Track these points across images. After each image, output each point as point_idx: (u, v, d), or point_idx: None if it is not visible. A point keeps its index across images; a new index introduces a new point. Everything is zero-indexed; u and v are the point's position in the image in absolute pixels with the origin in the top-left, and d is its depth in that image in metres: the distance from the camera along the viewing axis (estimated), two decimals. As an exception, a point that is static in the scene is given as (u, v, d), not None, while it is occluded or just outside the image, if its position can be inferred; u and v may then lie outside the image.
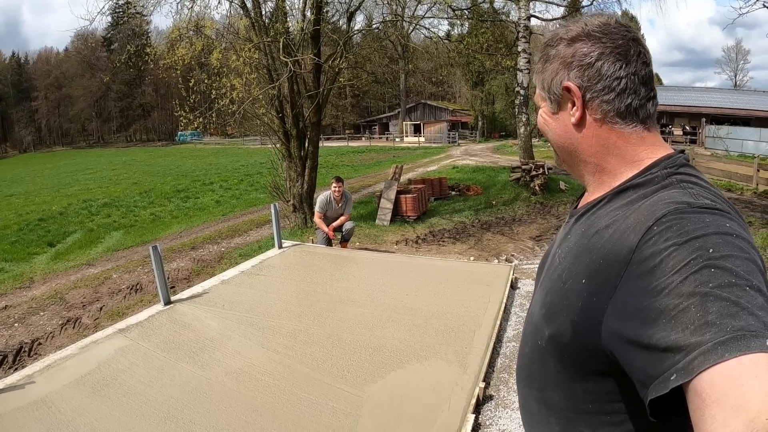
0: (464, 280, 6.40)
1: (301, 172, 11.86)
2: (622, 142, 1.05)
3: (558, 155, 1.19)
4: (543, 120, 1.17)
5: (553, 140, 1.16)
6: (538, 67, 1.16)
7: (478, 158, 30.83)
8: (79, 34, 70.12)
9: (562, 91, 1.07)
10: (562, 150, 1.15)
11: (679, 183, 0.95)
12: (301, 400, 3.73)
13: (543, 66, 1.13)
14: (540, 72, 1.14)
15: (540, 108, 1.17)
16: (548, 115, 1.15)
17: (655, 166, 1.01)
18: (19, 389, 4.11)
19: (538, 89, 1.16)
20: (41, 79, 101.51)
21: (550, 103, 1.13)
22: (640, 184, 1.00)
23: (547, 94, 1.12)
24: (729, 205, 0.92)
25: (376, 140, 59.46)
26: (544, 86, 1.12)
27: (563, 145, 1.14)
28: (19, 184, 33.15)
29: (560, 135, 1.13)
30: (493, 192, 15.79)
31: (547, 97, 1.13)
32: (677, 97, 38.77)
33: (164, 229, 13.56)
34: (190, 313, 5.61)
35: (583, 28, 1.06)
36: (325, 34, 12.01)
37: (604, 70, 1.02)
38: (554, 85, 1.09)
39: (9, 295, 8.31)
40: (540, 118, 1.18)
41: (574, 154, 1.12)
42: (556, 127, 1.14)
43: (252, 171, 27.36)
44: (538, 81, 1.15)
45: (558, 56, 1.08)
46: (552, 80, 1.09)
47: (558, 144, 1.16)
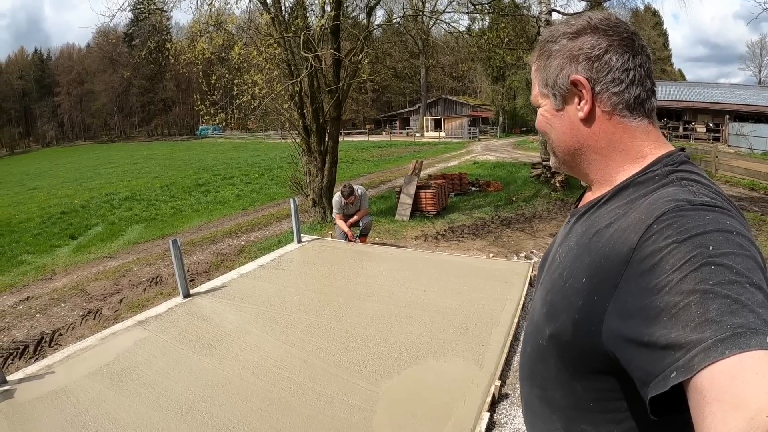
0: (483, 276, 6.38)
1: (320, 167, 11.90)
2: (629, 137, 1.05)
3: (558, 156, 1.18)
4: (545, 119, 1.15)
5: (557, 139, 1.14)
6: (538, 64, 1.14)
7: (499, 154, 30.68)
8: (100, 31, 70.84)
9: (570, 85, 1.06)
10: (566, 149, 1.13)
11: (679, 181, 0.95)
12: (316, 395, 3.74)
13: (545, 62, 1.11)
14: (541, 69, 1.12)
15: (540, 107, 1.15)
16: (551, 113, 1.13)
17: (657, 164, 1.01)
18: (39, 379, 4.18)
19: (537, 87, 1.14)
20: (63, 75, 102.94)
21: (554, 99, 1.11)
22: (640, 182, 1.00)
23: (551, 90, 1.10)
24: (729, 202, 0.91)
25: (397, 135, 59.36)
26: (547, 82, 1.11)
27: (568, 143, 1.12)
28: (42, 178, 33.68)
29: (565, 132, 1.11)
30: (513, 188, 15.74)
31: (550, 93, 1.11)
32: (701, 94, 38.21)
33: (185, 222, 13.69)
34: (208, 306, 5.66)
35: (588, 22, 1.06)
36: (345, 29, 12.01)
37: (613, 61, 1.02)
38: (560, 79, 1.07)
39: (31, 286, 8.47)
40: (541, 118, 1.16)
41: (579, 152, 1.11)
42: (560, 125, 1.12)
43: (272, 165, 27.48)
44: (537, 79, 1.14)
45: (562, 50, 1.07)
46: (558, 75, 1.08)
47: (562, 143, 1.13)
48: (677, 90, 40.68)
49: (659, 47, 74.29)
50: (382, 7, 14.76)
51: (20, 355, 5.76)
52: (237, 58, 11.01)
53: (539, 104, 1.15)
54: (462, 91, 72.75)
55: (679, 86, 43.51)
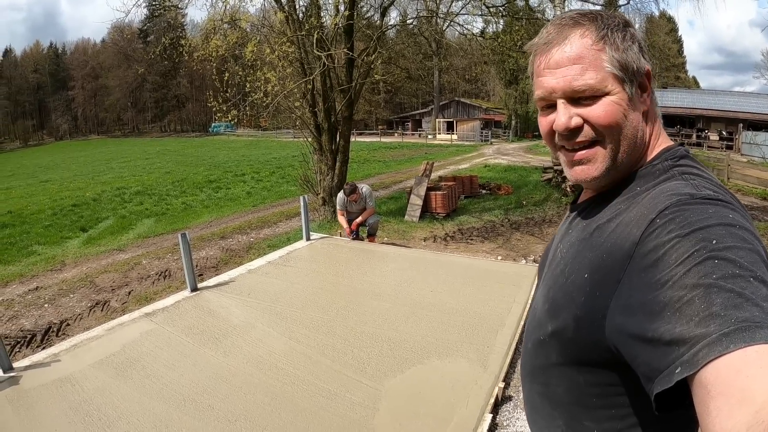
0: (490, 279, 6.37)
1: (331, 166, 11.91)
2: (659, 131, 1.05)
3: (618, 157, 1.00)
4: (620, 108, 0.97)
5: (630, 135, 0.99)
6: (608, 42, 0.97)
7: (511, 157, 30.63)
8: (115, 26, 71.46)
9: (645, 74, 1.00)
10: (632, 147, 1.00)
11: (681, 175, 0.95)
12: (319, 390, 3.76)
13: (621, 44, 0.98)
14: (616, 49, 0.97)
15: (608, 94, 0.97)
16: (627, 102, 0.98)
17: (657, 158, 1.01)
18: (45, 366, 4.23)
19: (608, 68, 0.96)
20: (78, 69, 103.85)
21: (630, 87, 0.98)
22: (641, 176, 1.00)
23: (630, 75, 0.98)
24: (731, 195, 0.90)
25: (409, 137, 59.31)
26: (627, 66, 0.97)
27: (635, 140, 1.00)
28: (55, 171, 33.91)
29: (636, 126, 1.00)
30: (524, 192, 15.70)
31: (628, 79, 0.97)
32: (715, 101, 38.01)
33: (195, 218, 13.74)
34: (215, 301, 5.69)
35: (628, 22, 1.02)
36: (359, 29, 12.03)
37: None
38: (640, 67, 0.99)
39: (41, 276, 8.52)
40: (613, 107, 0.97)
41: (638, 150, 1.02)
42: (634, 117, 0.99)
43: (284, 164, 27.52)
44: (605, 59, 0.96)
45: (634, 37, 1.00)
46: (638, 62, 0.99)
47: (632, 140, 1.00)
48: (691, 97, 40.54)
49: (674, 54, 73.97)
50: (396, 8, 14.76)
51: (27, 344, 5.80)
52: (250, 56, 11.05)
53: (607, 90, 0.97)
54: (475, 94, 72.74)
55: (693, 93, 43.33)
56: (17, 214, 14.78)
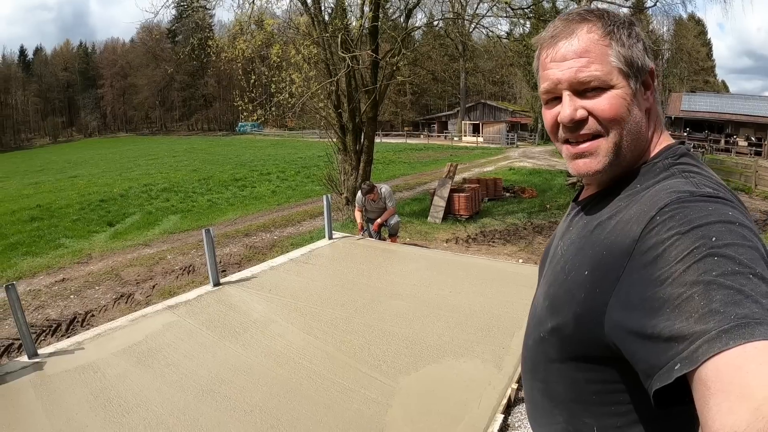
0: (510, 281, 6.36)
1: (355, 166, 11.96)
2: (661, 129, 1.06)
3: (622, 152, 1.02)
4: (625, 102, 0.98)
5: (633, 130, 1.01)
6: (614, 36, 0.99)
7: (536, 161, 30.39)
8: (144, 26, 72.15)
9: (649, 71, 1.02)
10: (635, 142, 1.02)
11: (681, 173, 0.95)
12: (335, 385, 3.81)
13: (627, 41, 1.00)
14: (622, 45, 0.99)
15: (612, 88, 0.99)
16: (631, 97, 0.99)
17: (658, 156, 1.02)
18: (69, 354, 4.36)
19: (614, 63, 0.98)
20: (107, 68, 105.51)
21: (634, 81, 1.00)
22: (642, 174, 1.01)
23: (635, 71, 0.99)
24: (731, 193, 0.91)
25: (435, 138, 59.11)
26: (632, 63, 0.99)
27: (638, 134, 1.02)
28: (83, 167, 34.38)
29: (638, 122, 1.01)
30: (548, 196, 15.60)
31: (633, 74, 0.99)
32: (743, 106, 37.03)
33: (220, 215, 13.88)
34: (237, 295, 5.78)
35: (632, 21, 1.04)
36: (384, 31, 12.06)
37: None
38: (646, 63, 1.01)
39: (67, 268, 8.72)
40: (618, 101, 0.98)
41: (641, 146, 1.04)
42: (637, 112, 1.00)
43: (309, 163, 27.61)
44: (612, 54, 0.98)
45: (639, 35, 1.01)
46: (643, 59, 1.00)
47: (635, 134, 1.01)
48: (720, 101, 39.63)
49: (703, 57, 72.65)
50: (422, 10, 14.73)
51: (53, 333, 5.94)
52: (276, 57, 11.14)
53: (612, 84, 0.99)
54: (501, 97, 72.27)
55: (722, 98, 42.31)
56: (46, 208, 15.07)
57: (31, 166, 41.29)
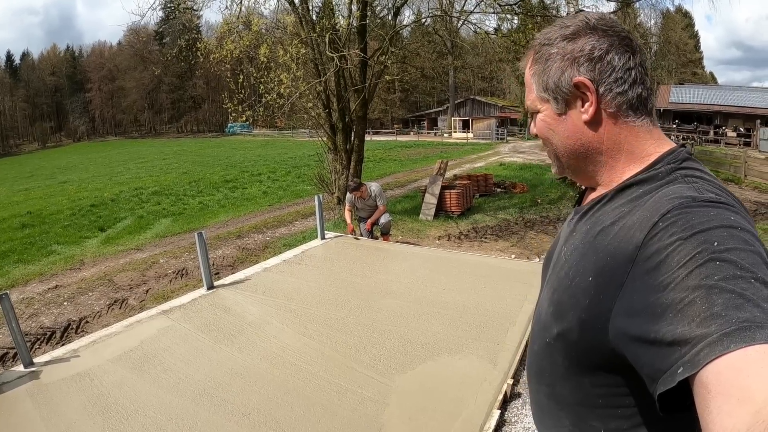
0: (503, 277, 6.39)
1: (346, 165, 11.99)
2: (633, 137, 1.05)
3: (560, 161, 1.15)
4: (546, 124, 1.12)
5: (560, 145, 1.11)
6: (534, 69, 1.12)
7: (526, 156, 30.45)
8: (131, 29, 71.85)
9: (572, 88, 1.04)
10: (570, 154, 1.11)
11: (683, 178, 0.95)
12: (331, 385, 3.83)
13: (543, 66, 1.09)
14: (539, 73, 1.10)
15: (540, 112, 1.13)
16: (552, 117, 1.10)
17: (659, 162, 1.01)
18: (65, 362, 4.36)
19: (535, 92, 1.12)
20: (95, 72, 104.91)
21: (555, 104, 1.08)
22: (644, 180, 1.00)
23: (552, 94, 1.08)
24: (734, 198, 0.92)
25: (425, 135, 59.17)
26: (547, 86, 1.08)
27: (572, 147, 1.10)
28: (73, 172, 34.21)
29: (569, 137, 1.09)
30: (539, 190, 15.64)
31: (551, 97, 1.08)
32: (731, 97, 37.25)
33: (212, 217, 13.86)
34: (231, 298, 5.78)
35: (585, 22, 1.05)
36: (372, 29, 12.07)
37: (615, 61, 1.02)
38: (563, 82, 1.05)
39: (60, 275, 8.69)
40: (541, 123, 1.13)
41: (584, 155, 1.09)
42: (563, 129, 1.09)
43: (300, 163, 27.57)
44: (534, 84, 1.12)
45: (562, 53, 1.05)
46: (559, 78, 1.05)
47: (566, 148, 1.11)
48: (708, 93, 39.84)
49: (690, 49, 73.01)
50: (410, 7, 14.72)
51: (47, 341, 5.93)
52: (264, 58, 11.13)
53: (538, 109, 1.13)
54: (490, 92, 72.33)
55: (710, 89, 42.51)
56: (36, 215, 14.99)
57: (20, 172, 41.07)
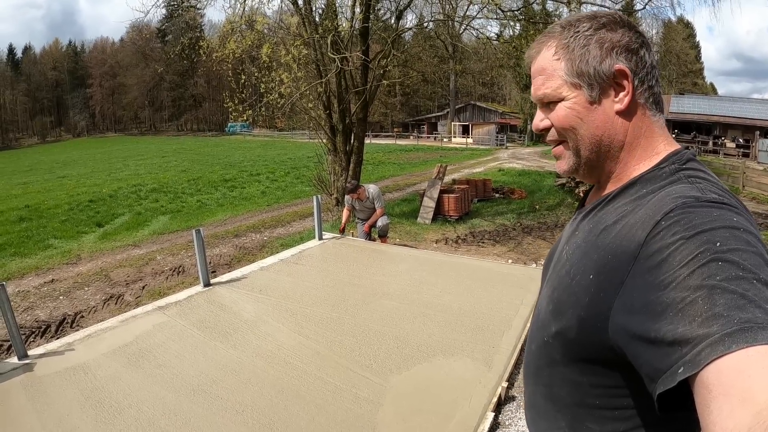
0: (499, 281, 6.39)
1: (345, 167, 11.99)
2: (650, 133, 1.05)
3: (580, 156, 1.09)
4: (573, 113, 1.05)
5: (586, 135, 1.06)
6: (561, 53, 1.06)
7: (525, 162, 30.51)
8: (134, 26, 71.99)
9: (611, 76, 1.02)
10: (594, 146, 1.07)
11: (687, 178, 0.95)
12: (326, 385, 3.83)
13: (579, 52, 1.04)
14: (572, 59, 1.05)
15: (562, 101, 1.06)
16: (583, 106, 1.05)
17: (665, 162, 1.02)
18: (59, 355, 4.35)
19: (563, 78, 1.06)
20: (96, 68, 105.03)
21: (589, 90, 1.04)
22: (648, 179, 1.01)
23: (588, 80, 1.03)
24: (736, 199, 0.91)
25: (424, 140, 59.18)
26: (583, 72, 1.04)
27: (598, 139, 1.06)
28: (72, 167, 34.20)
29: (598, 127, 1.05)
30: (537, 196, 15.67)
31: (585, 83, 1.04)
32: (731, 108, 37.40)
33: (210, 216, 13.85)
34: (227, 296, 5.78)
35: (617, 17, 1.06)
36: (374, 32, 12.09)
37: (646, 57, 1.03)
38: (603, 69, 1.02)
39: (56, 269, 8.68)
40: (566, 112, 1.06)
41: (606, 149, 1.07)
42: (593, 119, 1.05)
43: (299, 164, 27.59)
44: (562, 69, 1.06)
45: (600, 41, 1.03)
46: (599, 64, 1.02)
47: (592, 139, 1.06)
48: (708, 104, 40.01)
49: (691, 60, 73.24)
50: (413, 11, 14.77)
51: (42, 334, 5.92)
52: (266, 57, 11.14)
53: (562, 97, 1.06)
54: (491, 98, 72.53)
55: (710, 100, 42.65)
56: (34, 209, 14.99)
57: (19, 166, 41.04)
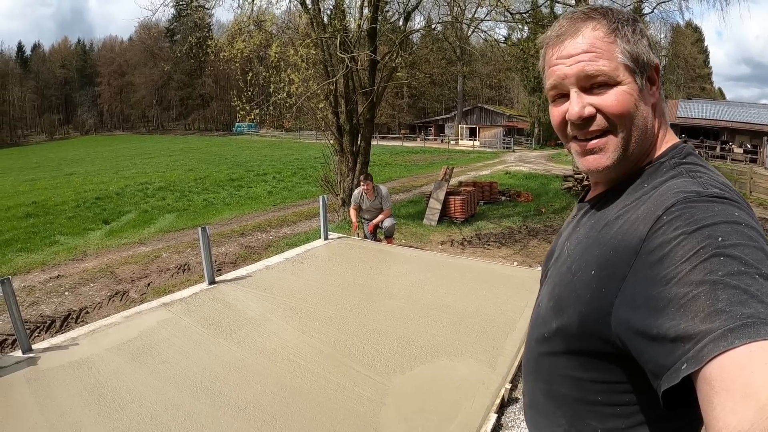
0: (504, 283, 6.37)
1: (352, 167, 11.99)
2: (666, 125, 1.06)
3: (627, 147, 1.02)
4: (633, 98, 0.99)
5: (641, 125, 1.01)
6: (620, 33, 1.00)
7: (532, 165, 30.50)
8: (143, 24, 72.20)
9: (653, 68, 1.02)
10: (642, 137, 1.02)
11: (688, 172, 0.95)
12: (329, 383, 3.82)
13: (636, 38, 1.01)
14: (628, 42, 1.00)
15: (619, 84, 0.99)
16: (638, 93, 1.00)
17: (664, 155, 1.02)
18: (63, 349, 4.37)
19: (621, 59, 0.99)
20: (105, 66, 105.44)
21: (641, 78, 1.00)
22: (649, 173, 1.01)
23: (641, 67, 1.00)
24: (738, 194, 0.91)
25: (431, 142, 59.09)
26: (639, 59, 1.00)
27: (646, 130, 1.02)
28: (80, 164, 34.29)
29: (646, 117, 1.02)
30: (543, 200, 15.65)
31: (639, 70, 1.00)
32: (739, 113, 37.31)
33: (216, 214, 13.88)
34: (232, 294, 5.79)
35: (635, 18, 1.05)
36: (382, 33, 12.10)
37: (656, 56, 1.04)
38: (651, 59, 1.01)
39: (62, 265, 8.71)
40: (626, 96, 0.99)
41: (648, 141, 1.04)
42: (644, 108, 1.01)
43: (306, 165, 27.60)
44: (618, 51, 0.99)
45: (644, 32, 1.02)
46: (649, 55, 1.01)
47: (643, 130, 1.02)
48: (716, 108, 39.91)
49: (699, 64, 72.94)
50: (421, 13, 14.76)
51: (47, 329, 5.94)
52: (274, 57, 11.15)
53: (619, 80, 0.99)
54: (498, 101, 72.49)
55: (718, 105, 42.57)
56: (41, 205, 15.05)
57: (27, 162, 41.19)
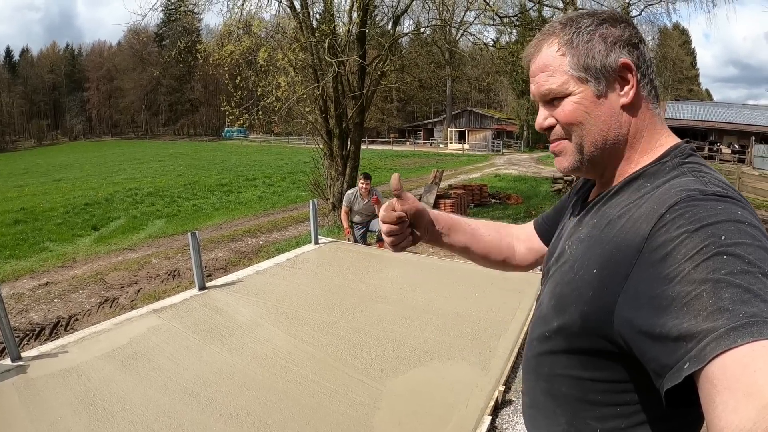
0: (496, 285, 6.37)
1: (342, 171, 11.99)
2: (652, 125, 1.05)
3: (583, 153, 1.07)
4: (581, 107, 1.04)
5: (595, 130, 1.04)
6: (566, 49, 1.05)
7: (521, 168, 30.63)
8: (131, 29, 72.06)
9: (617, 70, 1.02)
10: (599, 141, 1.05)
11: (690, 171, 0.95)
12: (321, 388, 3.80)
13: (585, 46, 1.03)
14: (578, 53, 1.04)
15: (568, 96, 1.05)
16: (590, 100, 1.03)
17: (667, 155, 1.02)
18: (53, 357, 4.31)
19: (569, 73, 1.04)
20: (93, 71, 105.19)
21: (596, 85, 1.03)
22: (651, 173, 1.00)
23: (595, 74, 1.02)
24: (739, 194, 0.90)
25: (421, 145, 59.27)
26: (589, 67, 1.02)
27: (605, 133, 1.04)
28: (68, 170, 34.20)
29: (605, 121, 1.04)
30: (533, 202, 15.69)
31: (593, 78, 1.03)
32: (727, 114, 37.80)
33: (206, 220, 13.84)
34: (222, 299, 5.75)
35: (615, 14, 1.07)
36: (371, 37, 12.13)
37: (645, 52, 1.05)
38: (609, 63, 1.02)
39: (51, 272, 8.65)
40: (573, 107, 1.05)
41: (612, 142, 1.05)
42: (600, 113, 1.03)
43: (295, 169, 27.61)
44: (568, 64, 1.04)
45: (603, 36, 1.03)
46: (605, 58, 1.02)
47: (599, 134, 1.05)
48: (703, 110, 40.36)
49: (687, 66, 73.64)
50: (410, 17, 14.79)
51: (36, 337, 5.89)
52: (263, 61, 11.15)
53: (569, 92, 1.05)
54: (487, 104, 72.81)
55: (706, 106, 43.07)
56: (30, 211, 14.98)
57: (15, 168, 41.03)
